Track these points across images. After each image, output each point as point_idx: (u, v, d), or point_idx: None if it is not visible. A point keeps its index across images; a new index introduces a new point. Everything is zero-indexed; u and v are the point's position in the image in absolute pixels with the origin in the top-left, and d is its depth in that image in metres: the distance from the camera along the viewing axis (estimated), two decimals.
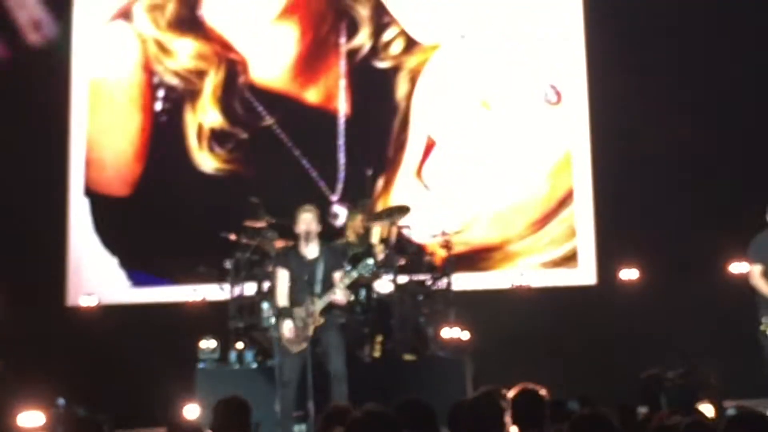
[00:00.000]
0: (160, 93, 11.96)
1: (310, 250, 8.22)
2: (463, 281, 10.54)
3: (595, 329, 10.48)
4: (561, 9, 11.53)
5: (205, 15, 12.00)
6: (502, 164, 11.20)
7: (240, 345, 9.76)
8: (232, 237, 10.02)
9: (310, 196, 10.56)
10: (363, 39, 11.61)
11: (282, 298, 8.22)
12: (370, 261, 8.27)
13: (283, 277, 8.26)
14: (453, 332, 9.72)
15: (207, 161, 11.78)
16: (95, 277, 11.86)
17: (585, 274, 10.96)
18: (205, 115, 11.82)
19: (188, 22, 12.00)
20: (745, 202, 9.45)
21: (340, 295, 8.12)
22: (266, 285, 9.70)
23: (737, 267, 9.91)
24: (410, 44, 11.53)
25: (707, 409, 6.96)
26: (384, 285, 9.55)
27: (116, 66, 12.07)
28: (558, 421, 4.44)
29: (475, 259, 11.09)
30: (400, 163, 11.37)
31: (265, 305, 9.65)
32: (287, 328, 8.11)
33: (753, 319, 8.17)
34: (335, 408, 5.55)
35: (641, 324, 10.41)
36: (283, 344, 8.16)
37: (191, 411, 9.18)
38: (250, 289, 10.05)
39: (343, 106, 11.56)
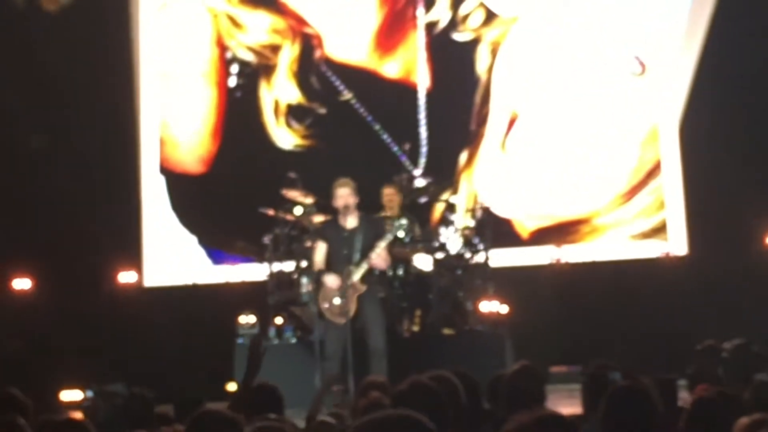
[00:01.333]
0: (234, 68, 11.80)
1: (349, 222, 8.26)
2: (513, 256, 10.56)
3: (670, 301, 10.37)
4: None
5: None
6: (587, 136, 11.03)
7: (279, 320, 9.72)
8: (270, 212, 9.94)
9: (393, 171, 10.52)
10: (441, 11, 11.42)
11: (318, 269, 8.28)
12: (403, 221, 8.42)
13: (320, 248, 8.35)
14: (491, 306, 9.71)
15: (285, 137, 11.62)
16: (169, 256, 11.75)
17: (676, 245, 10.82)
18: (281, 90, 11.66)
19: None
20: None
21: (378, 260, 8.11)
22: (304, 262, 9.64)
23: None
24: (489, 16, 11.32)
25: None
26: (424, 261, 9.51)
27: (188, 41, 11.91)
28: (599, 393, 4.39)
29: (563, 232, 10.95)
30: (483, 137, 11.21)
31: (304, 280, 9.62)
32: (329, 298, 8.09)
33: None
34: (371, 382, 5.49)
35: (721, 295, 10.30)
36: (327, 317, 8.17)
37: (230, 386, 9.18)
38: (289, 265, 9.96)
39: (423, 80, 11.40)
